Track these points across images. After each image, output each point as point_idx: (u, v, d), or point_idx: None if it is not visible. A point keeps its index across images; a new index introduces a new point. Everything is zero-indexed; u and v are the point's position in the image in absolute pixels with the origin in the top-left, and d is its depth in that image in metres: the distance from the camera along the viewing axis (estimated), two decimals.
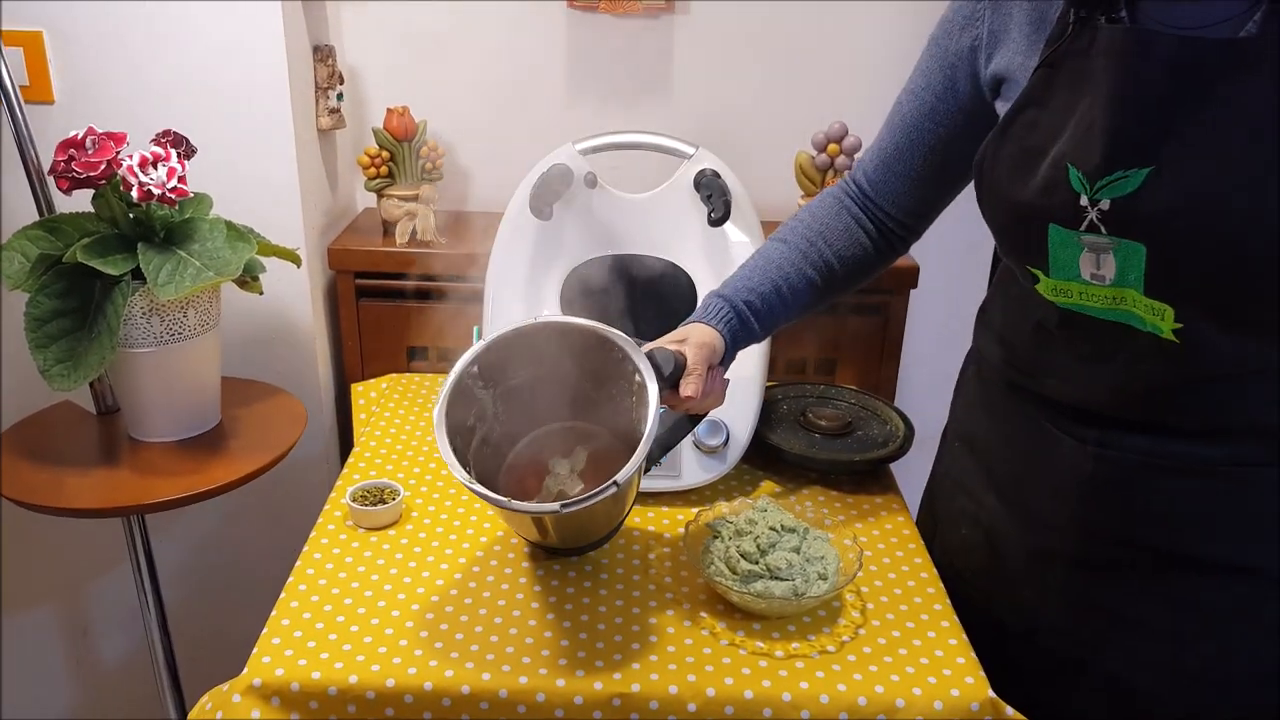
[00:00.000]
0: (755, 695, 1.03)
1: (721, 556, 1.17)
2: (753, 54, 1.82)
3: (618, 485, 1.04)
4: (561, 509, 1.03)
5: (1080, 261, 0.96)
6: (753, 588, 1.12)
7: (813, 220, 1.24)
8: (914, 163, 1.18)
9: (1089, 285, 0.97)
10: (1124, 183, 0.91)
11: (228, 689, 1.04)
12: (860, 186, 1.24)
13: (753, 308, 1.18)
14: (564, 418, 1.25)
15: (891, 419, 1.53)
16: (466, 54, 1.82)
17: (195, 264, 1.32)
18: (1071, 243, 0.96)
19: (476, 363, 1.16)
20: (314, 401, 1.73)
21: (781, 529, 1.18)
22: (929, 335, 1.99)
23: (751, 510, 1.22)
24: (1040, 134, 0.98)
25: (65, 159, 1.29)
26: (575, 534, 1.19)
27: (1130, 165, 0.90)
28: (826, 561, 1.16)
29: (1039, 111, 0.98)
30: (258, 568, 1.86)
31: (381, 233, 1.78)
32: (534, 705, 1.03)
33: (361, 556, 1.22)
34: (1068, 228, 0.95)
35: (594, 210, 1.49)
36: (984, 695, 1.04)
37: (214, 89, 1.55)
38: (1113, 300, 0.96)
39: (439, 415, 1.11)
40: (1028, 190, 0.98)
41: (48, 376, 1.29)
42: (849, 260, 1.23)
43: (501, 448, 1.23)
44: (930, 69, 1.14)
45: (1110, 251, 0.93)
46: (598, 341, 1.15)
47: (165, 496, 1.33)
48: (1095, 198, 0.92)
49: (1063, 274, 0.98)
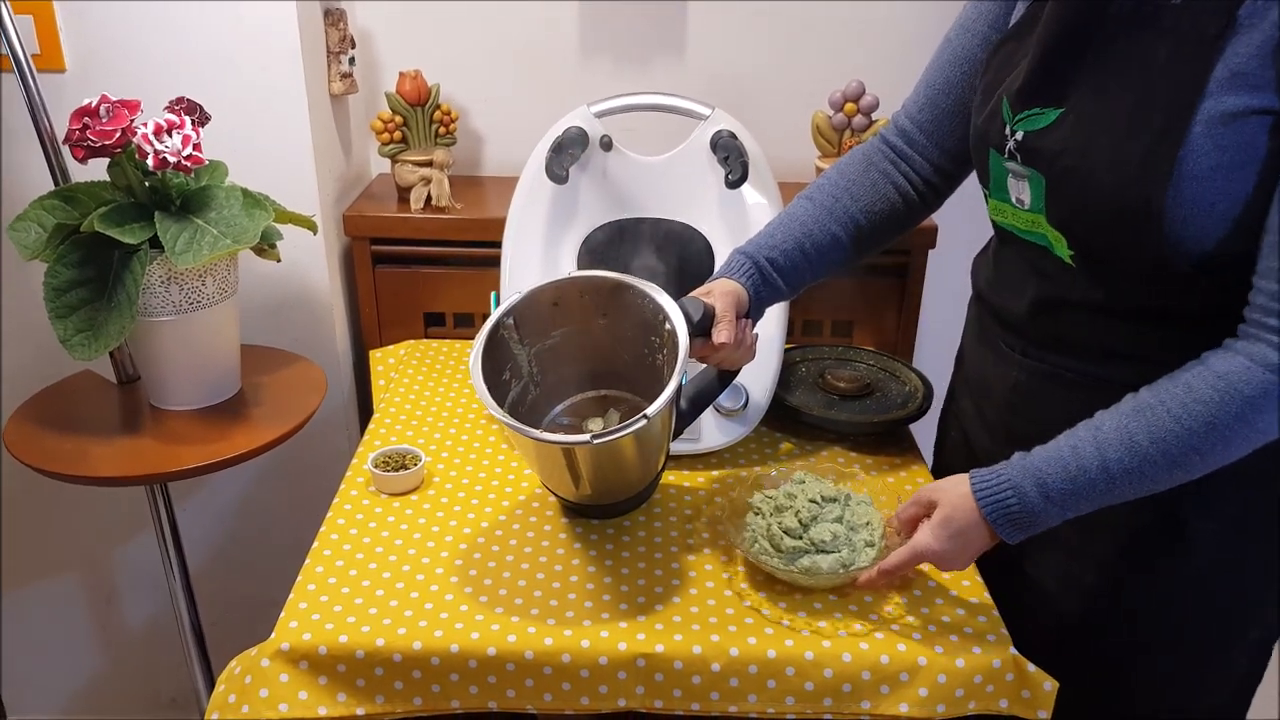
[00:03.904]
0: (778, 655, 1.04)
1: (764, 534, 1.15)
2: (768, 13, 1.79)
3: (648, 418, 1.05)
4: (592, 440, 1.04)
5: (1008, 185, 1.07)
6: (799, 564, 1.11)
7: (839, 177, 1.24)
8: (965, 96, 1.18)
9: (1015, 209, 1.07)
10: (1038, 118, 1.01)
11: (256, 653, 1.05)
12: (904, 133, 1.24)
13: (775, 264, 1.19)
14: (597, 386, 1.28)
15: (910, 379, 1.52)
16: (479, 17, 1.80)
17: (213, 232, 1.32)
18: (1001, 167, 1.07)
19: (512, 314, 1.17)
20: (333, 368, 1.74)
21: (822, 500, 1.16)
22: (947, 296, 1.97)
23: (789, 483, 1.21)
24: (1008, 67, 1.07)
25: (80, 127, 1.28)
26: (607, 483, 1.19)
27: (1046, 104, 1.00)
28: (873, 527, 1.14)
29: (1016, 44, 1.07)
30: (280, 533, 1.87)
31: (396, 198, 1.77)
32: (560, 666, 1.04)
33: (385, 522, 1.23)
34: (999, 153, 1.06)
35: (610, 173, 1.48)
36: (1006, 653, 1.05)
37: (225, 55, 1.54)
38: (1031, 223, 1.06)
39: (475, 357, 1.12)
40: (982, 116, 1.09)
41: (68, 346, 1.29)
42: (877, 216, 1.23)
43: (536, 412, 1.25)
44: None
45: (1025, 179, 1.04)
46: (628, 292, 1.17)
47: (188, 465, 1.34)
48: (1014, 128, 1.03)
49: (998, 195, 1.09)
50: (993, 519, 1.00)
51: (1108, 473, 0.95)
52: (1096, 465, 0.95)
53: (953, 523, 1.03)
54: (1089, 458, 0.96)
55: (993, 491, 1.00)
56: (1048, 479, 0.98)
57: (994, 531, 1.01)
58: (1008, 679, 1.05)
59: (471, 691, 1.05)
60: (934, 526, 1.04)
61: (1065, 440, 0.99)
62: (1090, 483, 0.96)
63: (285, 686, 1.04)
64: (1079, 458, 0.96)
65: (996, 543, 1.03)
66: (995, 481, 1.01)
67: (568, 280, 1.19)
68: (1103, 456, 0.95)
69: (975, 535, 1.02)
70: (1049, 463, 0.98)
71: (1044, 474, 0.98)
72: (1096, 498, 0.97)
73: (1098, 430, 0.96)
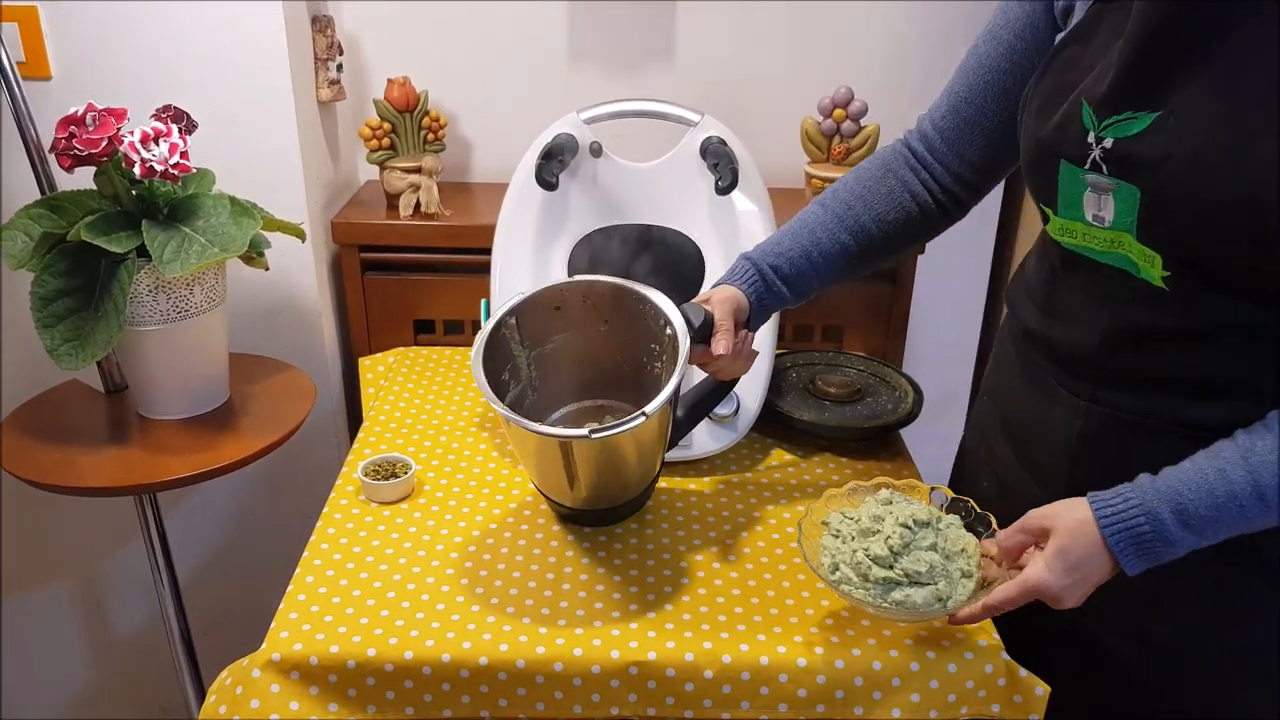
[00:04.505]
0: (771, 661, 1.04)
1: (848, 561, 1.03)
2: (756, 19, 1.80)
3: (646, 415, 1.05)
4: (591, 434, 1.05)
5: (1084, 201, 0.96)
6: (891, 598, 1.01)
7: (856, 184, 1.21)
8: (987, 107, 1.13)
9: (1091, 227, 0.97)
10: (1130, 123, 0.90)
11: (247, 664, 1.04)
12: (926, 138, 1.19)
13: (779, 271, 1.17)
14: (596, 396, 1.29)
15: (900, 385, 1.53)
16: (467, 22, 1.80)
17: (200, 240, 1.31)
18: (1077, 180, 0.96)
19: (515, 314, 1.17)
20: (322, 377, 1.73)
21: (914, 524, 1.04)
22: (937, 301, 1.98)
23: (874, 503, 1.09)
24: (1076, 71, 0.97)
25: (66, 136, 1.27)
26: (603, 486, 1.19)
27: (1139, 107, 0.90)
28: (968, 554, 1.04)
29: (1081, 48, 0.98)
30: (269, 542, 1.86)
31: (385, 205, 1.77)
32: (552, 675, 1.03)
33: (375, 531, 1.22)
34: (1075, 165, 0.96)
35: (599, 180, 1.48)
36: (998, 658, 1.05)
37: (212, 62, 1.54)
38: (1111, 243, 0.96)
39: (476, 352, 1.13)
40: (1048, 125, 0.98)
41: (55, 356, 1.29)
42: (890, 225, 1.19)
43: (533, 418, 1.24)
44: (1010, 6, 1.10)
45: (1110, 193, 0.93)
46: (631, 298, 1.17)
47: (176, 474, 1.33)
48: (1101, 135, 0.93)
49: (1069, 213, 0.99)
50: (1118, 547, 0.92)
51: (1263, 499, 0.87)
52: (1250, 490, 0.88)
53: (1070, 553, 0.93)
54: (1239, 482, 0.88)
55: (1119, 517, 0.92)
56: (1189, 503, 0.89)
57: (1116, 561, 0.93)
58: (1000, 684, 1.05)
59: (464, 701, 1.05)
60: (1049, 558, 0.94)
61: (1207, 462, 0.90)
62: (1240, 509, 0.88)
63: (276, 697, 1.03)
64: (1228, 482, 0.88)
65: (1115, 574, 0.95)
66: (1122, 505, 0.92)
67: (571, 284, 1.20)
68: (1256, 480, 0.87)
69: (1095, 566, 0.93)
70: (1190, 486, 0.90)
71: (1184, 498, 0.90)
72: (1240, 526, 0.89)
73: (1248, 453, 0.88)
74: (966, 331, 2.10)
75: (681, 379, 1.09)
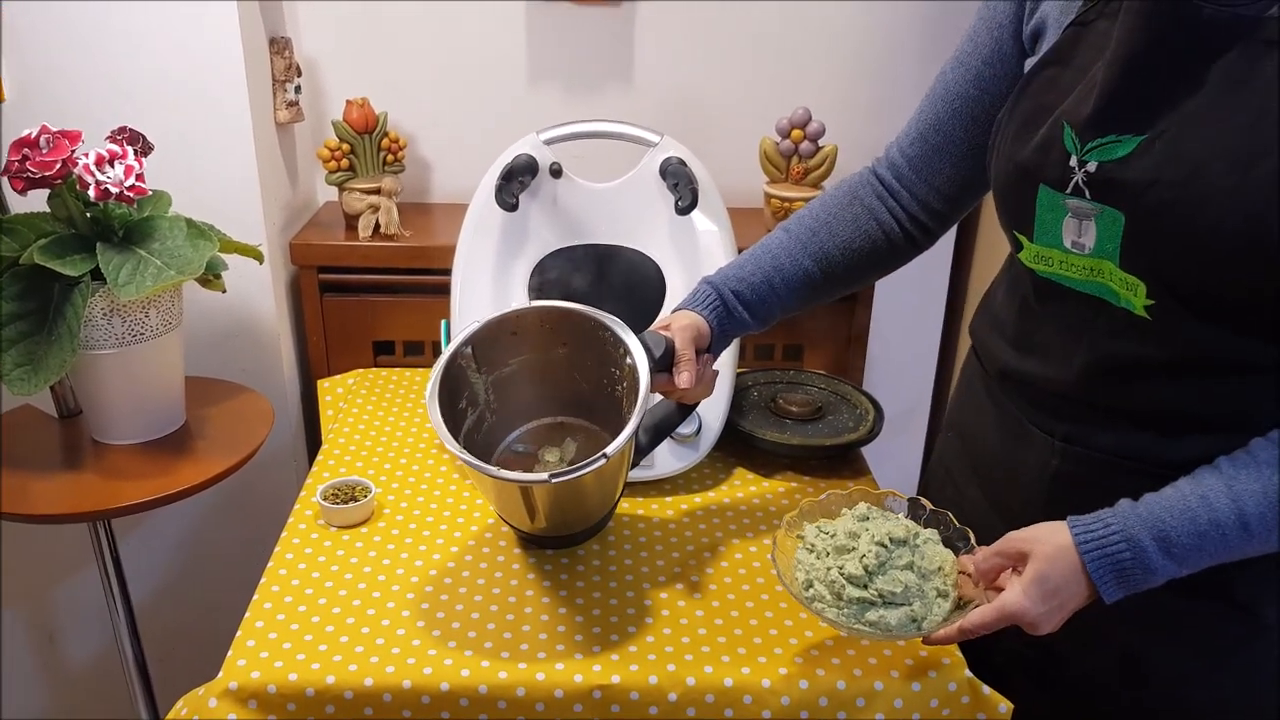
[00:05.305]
0: (735, 683, 1.03)
1: (822, 579, 1.02)
2: (715, 40, 1.81)
3: (607, 457, 1.04)
4: (551, 479, 1.04)
5: (1064, 226, 0.94)
6: (865, 619, 0.99)
7: (821, 210, 1.19)
8: (955, 134, 1.11)
9: (1069, 254, 0.95)
10: (1115, 147, 0.89)
11: (203, 693, 1.03)
12: (894, 165, 1.17)
13: (741, 297, 1.16)
14: (554, 413, 1.27)
15: (861, 403, 1.54)
16: (426, 43, 1.80)
17: (156, 263, 1.30)
18: (1057, 205, 0.94)
19: (470, 343, 1.16)
20: (280, 399, 1.71)
21: (890, 542, 1.02)
22: (895, 319, 2.00)
23: (850, 519, 1.07)
24: (1055, 93, 0.95)
25: (19, 158, 1.26)
26: (563, 516, 1.18)
27: (1124, 130, 0.88)
28: (945, 573, 1.01)
29: (1060, 70, 0.96)
30: (227, 568, 1.84)
31: (344, 226, 1.76)
32: (514, 700, 1.03)
33: (334, 555, 1.21)
34: (1056, 189, 0.94)
35: (560, 200, 1.48)
36: (961, 675, 1.05)
37: (169, 84, 1.53)
38: (1090, 271, 0.94)
39: (432, 389, 1.11)
40: (1027, 149, 0.96)
41: (8, 381, 1.26)
42: (855, 253, 1.17)
43: (492, 438, 1.24)
44: (978, 32, 1.08)
45: (1092, 218, 0.91)
46: (589, 324, 1.15)
47: (131, 500, 1.31)
48: (1084, 159, 0.91)
49: (1046, 239, 0.97)
50: (1097, 574, 0.90)
51: (1246, 529, 0.86)
52: (1233, 519, 0.86)
53: (1049, 580, 0.91)
54: (1223, 510, 0.87)
55: (1100, 542, 0.90)
56: (1171, 531, 0.88)
57: (1094, 588, 0.91)
58: (963, 701, 1.05)
59: None
60: (1027, 584, 0.92)
61: (1191, 489, 0.89)
62: (1223, 538, 0.87)
63: None
64: (1211, 509, 0.87)
65: (1091, 602, 0.93)
66: (1102, 530, 0.90)
67: (528, 309, 1.18)
68: (1240, 509, 0.86)
69: (1072, 593, 0.91)
70: (1172, 513, 0.88)
71: (1166, 525, 0.88)
72: (1221, 555, 0.88)
73: (1233, 480, 0.87)
74: (925, 346, 2.12)
75: (643, 416, 1.08)
